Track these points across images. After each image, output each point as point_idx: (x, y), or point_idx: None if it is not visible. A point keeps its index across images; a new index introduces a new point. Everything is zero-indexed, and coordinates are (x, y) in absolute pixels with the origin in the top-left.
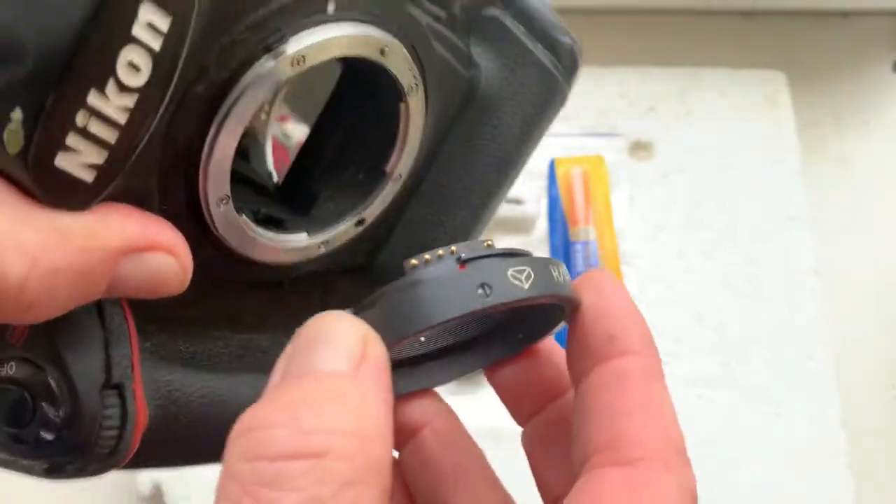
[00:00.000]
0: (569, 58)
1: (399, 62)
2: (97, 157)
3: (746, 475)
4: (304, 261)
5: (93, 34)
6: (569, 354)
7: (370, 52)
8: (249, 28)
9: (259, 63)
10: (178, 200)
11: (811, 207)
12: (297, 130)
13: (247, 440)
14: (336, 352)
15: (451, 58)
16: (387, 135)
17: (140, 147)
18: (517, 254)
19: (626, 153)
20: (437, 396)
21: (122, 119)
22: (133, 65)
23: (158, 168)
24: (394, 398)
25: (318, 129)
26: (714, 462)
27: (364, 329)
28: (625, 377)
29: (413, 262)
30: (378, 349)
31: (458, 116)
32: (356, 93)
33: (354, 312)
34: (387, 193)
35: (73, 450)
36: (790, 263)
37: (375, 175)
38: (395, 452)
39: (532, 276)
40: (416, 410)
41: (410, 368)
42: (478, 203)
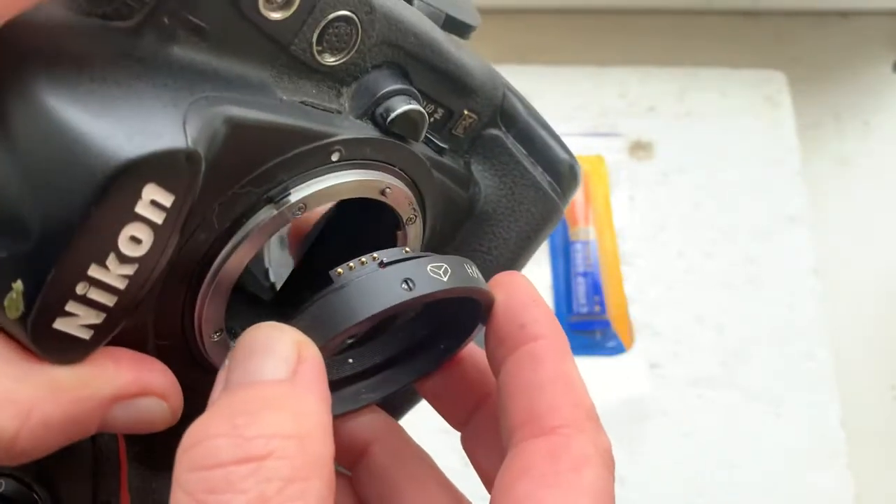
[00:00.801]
0: (567, 178)
1: (399, 199)
2: (95, 319)
3: (746, 475)
4: None
5: (96, 215)
6: (488, 350)
7: (371, 194)
8: (252, 182)
9: (261, 212)
10: (173, 334)
11: (811, 207)
12: None
13: (192, 452)
14: (272, 360)
15: (452, 184)
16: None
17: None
18: (433, 256)
19: (626, 153)
20: (381, 413)
21: (122, 285)
22: (135, 238)
23: (155, 310)
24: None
25: (318, 243)
26: (714, 462)
27: (297, 335)
28: (536, 358)
29: (339, 271)
30: (312, 352)
31: (457, 230)
32: (355, 216)
33: (286, 317)
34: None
35: None
36: (790, 263)
37: None
38: (348, 471)
39: (450, 272)
40: (362, 429)
41: (339, 391)
42: None
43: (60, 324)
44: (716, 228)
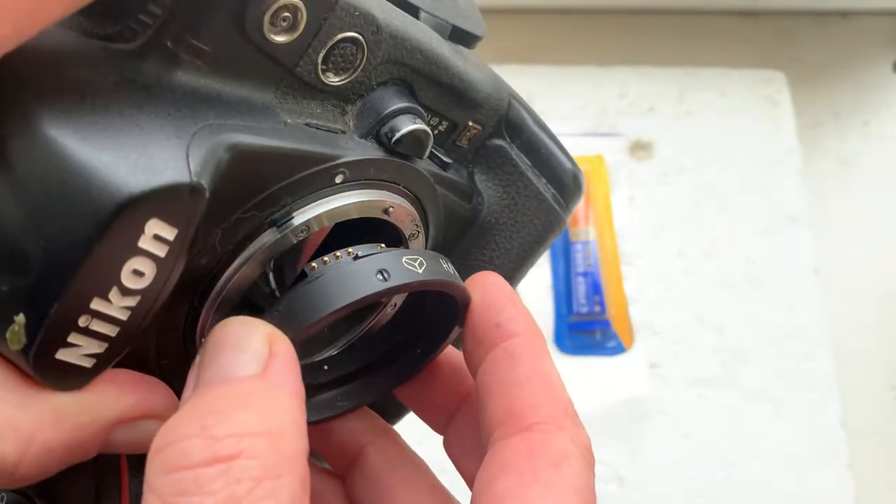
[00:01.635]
0: (571, 189)
1: (402, 216)
2: (97, 349)
3: (746, 475)
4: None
5: (99, 250)
6: (465, 351)
7: (375, 213)
8: (255, 206)
9: (264, 235)
10: (175, 354)
11: (811, 207)
12: None
13: (163, 454)
14: (242, 356)
15: (455, 197)
16: None
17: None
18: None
19: (626, 153)
20: (376, 417)
21: (124, 316)
22: (137, 271)
23: (157, 332)
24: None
25: (320, 253)
26: (714, 462)
27: (268, 329)
28: (513, 356)
29: (313, 265)
30: (284, 346)
31: (459, 240)
32: (357, 228)
33: (261, 312)
34: (382, 317)
35: None
36: (790, 263)
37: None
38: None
39: (425, 264)
40: (356, 433)
41: (314, 397)
42: None
43: (62, 354)
44: (716, 228)
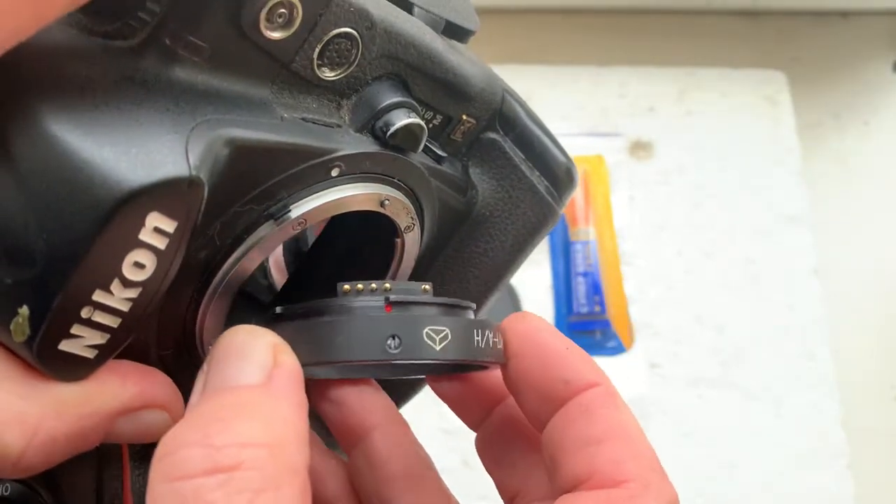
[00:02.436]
0: (564, 181)
1: (398, 209)
2: (100, 339)
3: (746, 475)
4: None
5: (101, 244)
6: (524, 407)
7: (371, 206)
8: (253, 200)
9: (262, 228)
10: (176, 345)
11: (811, 207)
12: None
13: (165, 462)
14: (247, 365)
15: (449, 190)
16: (383, 260)
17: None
18: (451, 306)
19: (626, 153)
20: (388, 400)
21: (126, 308)
22: (138, 264)
23: (157, 323)
24: (339, 387)
25: (318, 244)
26: (714, 462)
27: (275, 340)
28: (588, 410)
29: (346, 288)
30: (289, 358)
31: (454, 232)
32: (354, 222)
33: (276, 315)
34: None
35: None
36: (790, 263)
37: None
38: (345, 455)
39: (448, 339)
40: (367, 413)
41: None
42: None
43: (65, 345)
44: (716, 228)
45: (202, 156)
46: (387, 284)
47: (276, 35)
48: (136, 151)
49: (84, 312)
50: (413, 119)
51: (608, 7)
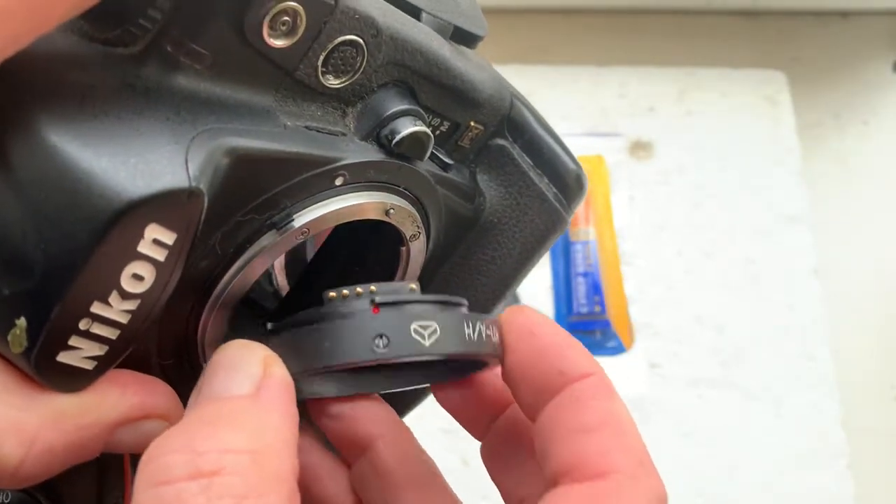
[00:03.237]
0: (573, 189)
1: (403, 217)
2: (98, 351)
3: (746, 475)
4: None
5: (99, 255)
6: (519, 398)
7: (375, 215)
8: (255, 209)
9: (264, 238)
10: (177, 354)
11: (811, 207)
12: None
13: (148, 468)
14: (237, 376)
15: (456, 198)
16: (387, 268)
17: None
18: (445, 303)
19: (626, 153)
20: (390, 410)
21: (125, 319)
22: (137, 276)
23: (158, 333)
24: (339, 402)
25: (323, 251)
26: (714, 462)
27: (265, 352)
28: (579, 399)
29: (331, 295)
30: (279, 370)
31: (461, 239)
32: (358, 229)
33: (269, 331)
34: None
35: None
36: (790, 263)
37: None
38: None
39: (437, 333)
40: (369, 423)
41: (356, 373)
42: None
43: (63, 357)
44: (716, 228)
45: (202, 166)
46: (372, 287)
47: (280, 43)
48: (136, 162)
49: (82, 324)
50: (419, 127)
51: (608, 7)
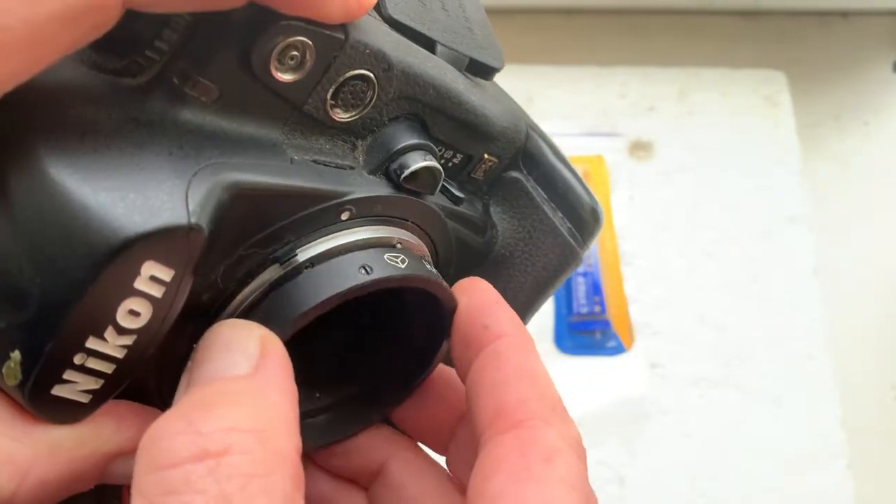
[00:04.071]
0: (589, 224)
1: (410, 250)
2: (94, 385)
3: (746, 475)
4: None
5: (94, 291)
6: (455, 358)
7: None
8: (258, 244)
9: (267, 272)
10: (176, 384)
11: (811, 207)
12: None
13: (148, 452)
14: (233, 356)
15: (467, 231)
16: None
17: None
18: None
19: (626, 153)
20: (392, 430)
21: (121, 354)
22: (133, 311)
23: (157, 365)
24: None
25: None
26: (714, 462)
27: (261, 330)
28: (500, 355)
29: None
30: (276, 347)
31: (472, 273)
32: None
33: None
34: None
35: None
36: (790, 263)
37: None
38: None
39: (407, 261)
40: (377, 448)
41: (310, 421)
42: None
43: (58, 390)
44: (716, 228)
45: (203, 202)
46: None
47: (288, 77)
48: (134, 197)
49: (77, 358)
50: (429, 162)
51: (608, 7)
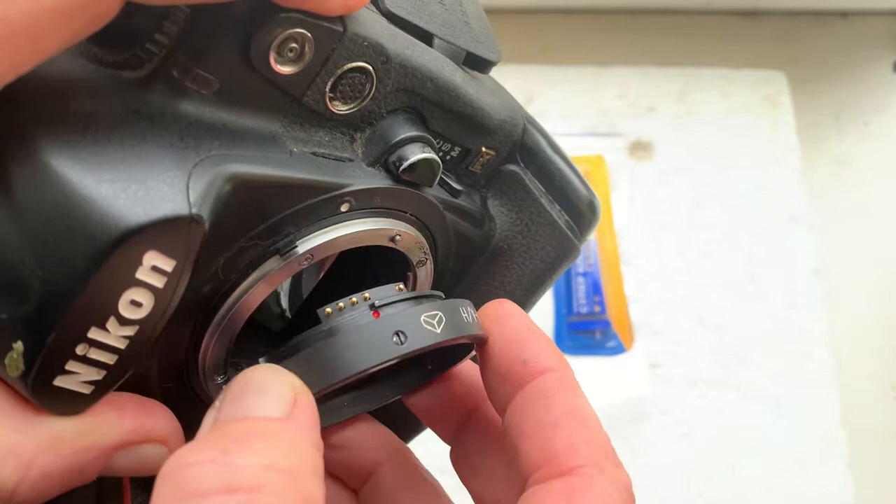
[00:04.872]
0: (586, 216)
1: (409, 244)
2: (96, 375)
3: (746, 475)
4: None
5: (96, 282)
6: (487, 386)
7: (381, 241)
8: (258, 235)
9: (267, 263)
10: (177, 378)
11: (811, 207)
12: None
13: (175, 479)
14: (268, 399)
15: (465, 223)
16: None
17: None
18: (427, 296)
19: (626, 153)
20: (391, 434)
21: (122, 345)
22: (135, 302)
23: (159, 356)
24: (340, 432)
25: (328, 277)
26: (714, 462)
27: (294, 380)
28: (545, 394)
29: (328, 311)
30: (309, 399)
31: (470, 265)
32: (365, 254)
33: (269, 360)
34: None
35: None
36: (790, 263)
37: None
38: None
39: (444, 321)
40: (371, 450)
41: (322, 405)
42: None
43: (61, 381)
44: (716, 228)
45: (204, 193)
46: (365, 294)
47: (287, 69)
48: (136, 189)
49: (79, 349)
50: (427, 154)
51: (608, 7)
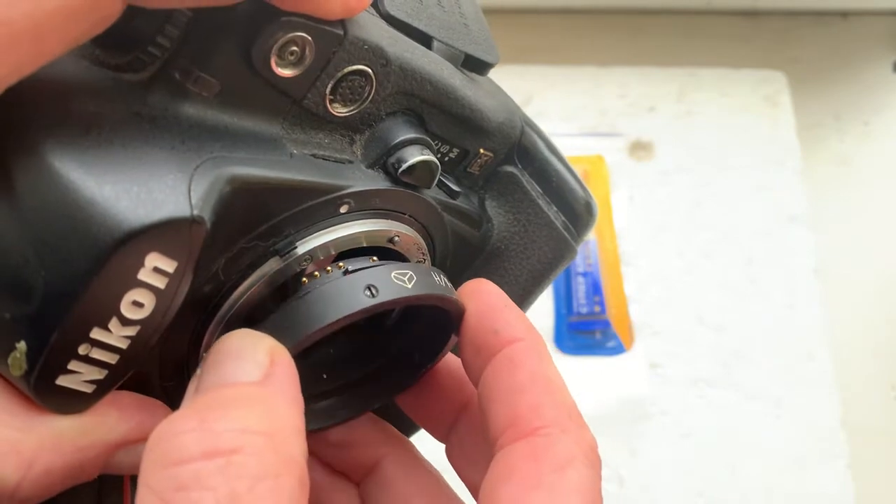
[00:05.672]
0: (583, 217)
1: (408, 245)
2: (98, 375)
3: (746, 475)
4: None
5: (98, 283)
6: (465, 361)
7: (380, 243)
8: (258, 236)
9: (267, 264)
10: (179, 376)
11: (811, 207)
12: None
13: (159, 448)
14: (244, 364)
15: (463, 225)
16: None
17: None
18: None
19: (626, 153)
20: (390, 428)
21: (124, 345)
22: (137, 303)
23: (160, 355)
24: (339, 430)
25: None
26: (714, 462)
27: (270, 341)
28: (513, 361)
29: (304, 279)
30: (284, 357)
31: (467, 266)
32: (363, 255)
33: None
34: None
35: None
36: (790, 263)
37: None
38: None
39: (415, 279)
40: (372, 444)
41: (312, 405)
42: None
43: (63, 380)
44: (716, 228)
45: (205, 195)
46: (339, 263)
47: (288, 72)
48: (138, 190)
49: (81, 349)
50: (426, 156)
51: (608, 7)
